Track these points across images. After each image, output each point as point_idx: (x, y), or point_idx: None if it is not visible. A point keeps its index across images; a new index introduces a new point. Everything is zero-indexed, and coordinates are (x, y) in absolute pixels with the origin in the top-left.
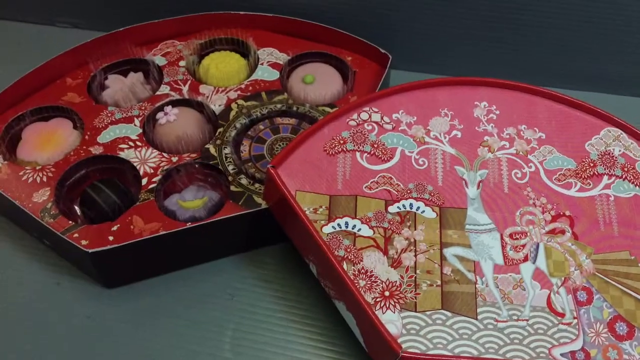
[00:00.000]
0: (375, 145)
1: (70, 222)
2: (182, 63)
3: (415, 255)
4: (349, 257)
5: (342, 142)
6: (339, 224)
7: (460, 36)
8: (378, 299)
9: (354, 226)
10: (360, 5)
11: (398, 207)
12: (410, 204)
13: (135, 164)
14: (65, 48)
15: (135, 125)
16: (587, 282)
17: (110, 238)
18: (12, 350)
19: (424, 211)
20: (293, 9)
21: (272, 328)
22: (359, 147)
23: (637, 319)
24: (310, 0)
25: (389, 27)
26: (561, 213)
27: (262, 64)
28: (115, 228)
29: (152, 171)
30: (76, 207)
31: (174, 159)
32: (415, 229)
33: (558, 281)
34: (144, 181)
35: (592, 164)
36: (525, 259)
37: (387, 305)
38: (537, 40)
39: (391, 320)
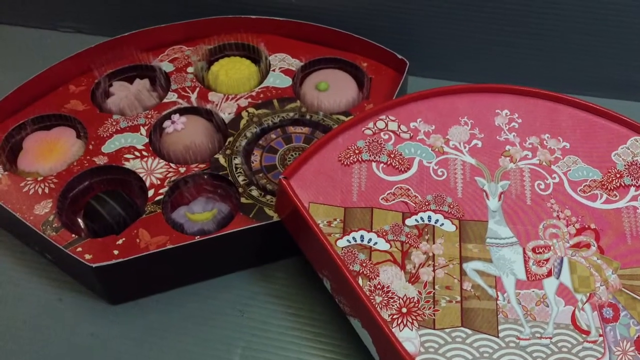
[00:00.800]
0: (392, 155)
1: (73, 235)
2: (190, 69)
3: (434, 270)
4: (365, 272)
5: (357, 151)
6: (354, 238)
7: (481, 41)
8: (395, 316)
9: (370, 240)
10: (377, 9)
11: (416, 219)
12: (429, 217)
13: (141, 175)
14: (68, 54)
15: (141, 134)
16: (614, 298)
17: (115, 252)
18: None
19: (442, 224)
20: (306, 13)
21: (285, 346)
22: (375, 157)
23: None
24: (324, 4)
25: (406, 31)
26: (586, 226)
27: (273, 70)
28: (120, 242)
29: (158, 182)
30: (79, 220)
31: (182, 170)
32: (433, 243)
33: (583, 297)
34: (151, 193)
35: (618, 175)
36: (549, 274)
37: (405, 323)
38: (560, 46)
39: (409, 338)
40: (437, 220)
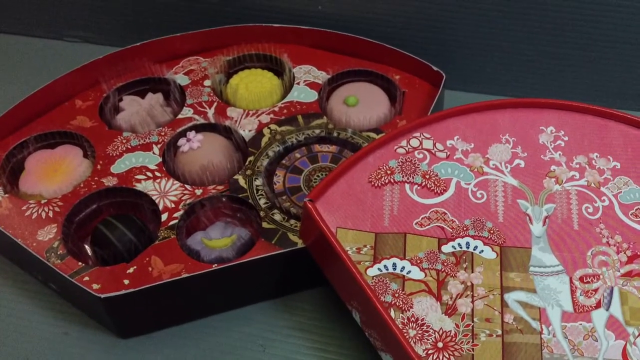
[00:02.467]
0: (427, 176)
1: (80, 263)
2: (207, 82)
3: (473, 302)
4: (397, 304)
5: (389, 172)
6: (385, 266)
7: (524, 52)
8: (430, 351)
9: (403, 268)
10: (411, 17)
11: (453, 246)
12: (467, 243)
13: (154, 198)
14: (74, 65)
15: (153, 153)
16: None
17: (126, 282)
18: None
19: (482, 251)
20: (334, 21)
21: None
22: (408, 178)
23: None
24: (353, 12)
25: (442, 41)
26: (639, 253)
27: (298, 83)
28: (131, 270)
29: (173, 205)
30: (87, 247)
31: (198, 192)
32: (472, 272)
33: (635, 331)
34: (164, 217)
35: None
36: (598, 305)
37: (441, 358)
38: (611, 57)
39: None
40: (476, 247)
